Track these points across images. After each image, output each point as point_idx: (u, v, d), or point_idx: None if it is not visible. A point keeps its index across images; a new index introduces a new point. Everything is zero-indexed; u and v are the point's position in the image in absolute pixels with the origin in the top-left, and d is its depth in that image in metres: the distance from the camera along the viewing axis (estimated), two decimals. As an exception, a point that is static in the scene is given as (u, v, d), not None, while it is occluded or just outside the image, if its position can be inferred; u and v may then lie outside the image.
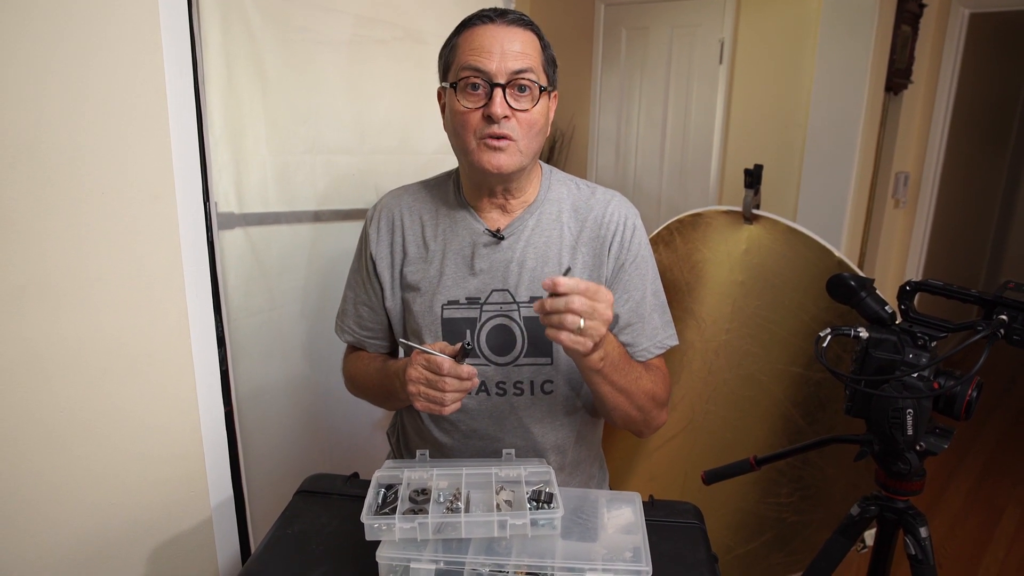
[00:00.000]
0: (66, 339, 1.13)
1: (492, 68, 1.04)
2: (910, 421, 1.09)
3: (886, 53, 2.93)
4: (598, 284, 0.93)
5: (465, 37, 1.07)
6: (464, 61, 1.06)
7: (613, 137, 3.80)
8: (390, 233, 1.22)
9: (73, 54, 1.07)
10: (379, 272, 1.22)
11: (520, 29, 1.07)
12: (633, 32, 3.60)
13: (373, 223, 1.23)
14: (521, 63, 1.05)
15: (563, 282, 0.90)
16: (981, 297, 1.12)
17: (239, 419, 1.46)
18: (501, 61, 1.04)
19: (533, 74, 1.06)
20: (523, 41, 1.06)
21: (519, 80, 1.05)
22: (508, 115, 1.05)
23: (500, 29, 1.06)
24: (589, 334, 0.92)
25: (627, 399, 1.12)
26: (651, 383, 1.15)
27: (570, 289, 0.90)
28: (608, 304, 0.93)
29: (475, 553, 0.88)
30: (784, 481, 1.69)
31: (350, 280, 1.30)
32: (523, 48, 1.06)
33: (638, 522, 0.95)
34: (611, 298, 0.94)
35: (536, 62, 1.07)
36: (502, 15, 1.07)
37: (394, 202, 1.24)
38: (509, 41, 1.05)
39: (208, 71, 1.32)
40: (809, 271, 1.63)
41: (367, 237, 1.23)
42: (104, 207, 1.14)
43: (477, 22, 1.07)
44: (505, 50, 1.04)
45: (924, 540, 1.18)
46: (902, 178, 3.43)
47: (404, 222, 1.21)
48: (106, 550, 1.23)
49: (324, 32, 1.54)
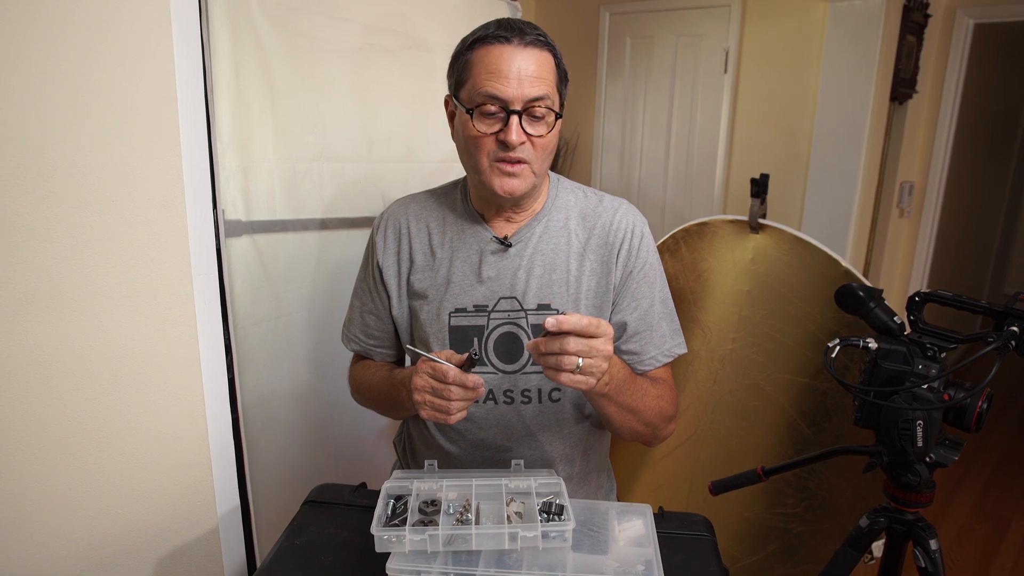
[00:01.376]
0: (74, 347, 1.13)
1: (509, 95, 1.02)
2: (920, 433, 1.09)
3: (891, 63, 2.94)
4: (599, 318, 0.91)
5: (480, 55, 1.04)
6: (480, 86, 1.03)
7: (617, 146, 3.80)
8: (396, 241, 1.21)
9: (82, 62, 1.08)
10: (386, 281, 1.22)
11: (537, 51, 1.04)
12: (638, 41, 3.61)
13: (380, 232, 1.23)
14: (538, 90, 1.03)
15: (566, 320, 0.87)
16: (992, 308, 1.11)
17: (245, 427, 1.46)
18: (518, 87, 1.02)
19: (549, 100, 1.05)
20: (540, 63, 1.04)
21: (535, 108, 1.04)
22: (524, 141, 1.04)
23: (517, 51, 1.03)
24: (589, 372, 0.91)
25: (634, 417, 1.12)
26: (657, 399, 1.15)
27: (571, 327, 0.88)
28: (608, 338, 0.91)
29: (486, 565, 0.87)
30: (790, 491, 1.69)
31: (356, 289, 1.29)
32: (539, 72, 1.04)
33: (649, 535, 0.95)
34: (611, 332, 0.92)
35: (551, 85, 1.06)
36: (520, 35, 1.03)
37: (401, 211, 1.23)
38: (526, 63, 1.03)
39: (216, 79, 1.32)
40: (815, 281, 1.63)
41: (374, 246, 1.23)
42: (113, 215, 1.14)
43: (494, 41, 1.03)
44: (522, 75, 1.02)
45: (934, 552, 1.17)
46: (907, 188, 3.43)
47: (411, 230, 1.21)
48: (112, 559, 1.23)
49: (332, 41, 1.55)
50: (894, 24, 2.88)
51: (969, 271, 4.69)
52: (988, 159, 4.40)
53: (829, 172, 3.01)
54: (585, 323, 0.88)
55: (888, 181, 3.33)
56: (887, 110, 3.06)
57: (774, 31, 3.18)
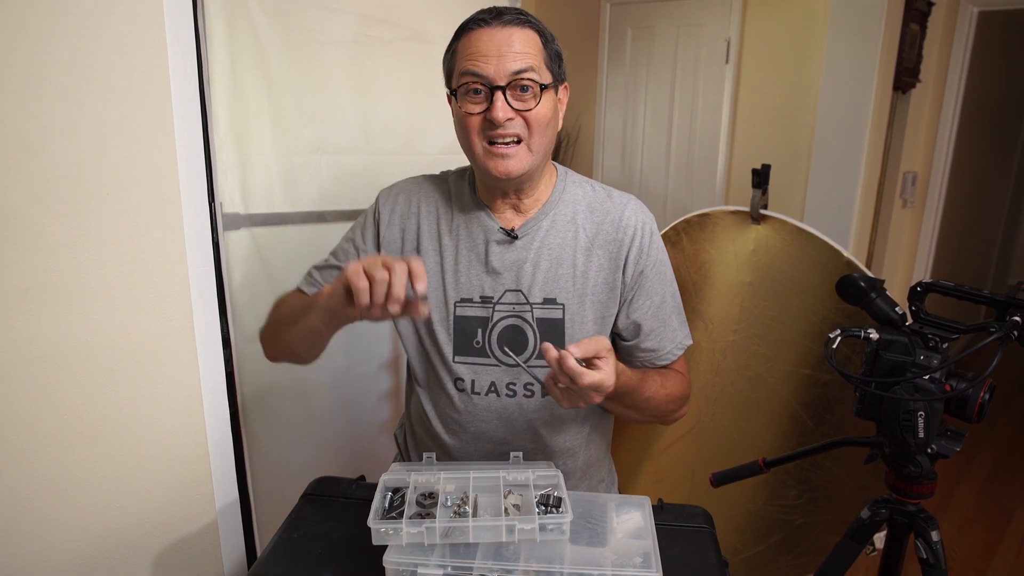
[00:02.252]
0: (70, 341, 1.13)
1: (490, 72, 1.03)
2: (921, 424, 1.08)
3: (894, 52, 2.91)
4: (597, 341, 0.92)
5: (463, 42, 1.06)
6: (463, 67, 1.05)
7: (619, 137, 3.79)
8: (403, 219, 1.19)
9: (76, 55, 1.07)
10: (383, 249, 1.19)
11: (517, 28, 1.05)
12: (639, 32, 3.59)
13: (387, 203, 1.20)
14: (520, 63, 1.03)
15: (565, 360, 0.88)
16: (994, 298, 1.10)
17: (245, 421, 1.46)
18: (499, 64, 1.02)
19: (534, 72, 1.05)
20: (522, 40, 1.05)
21: (520, 80, 1.04)
22: (512, 116, 1.04)
23: (496, 31, 1.04)
24: (588, 400, 0.94)
25: (638, 413, 1.16)
26: (665, 392, 1.16)
27: (568, 369, 0.88)
28: (608, 360, 0.92)
29: (483, 558, 0.87)
30: (792, 483, 1.68)
31: (340, 246, 1.23)
32: (522, 47, 1.04)
33: (648, 527, 0.94)
34: (611, 359, 0.93)
35: (537, 59, 1.06)
36: (498, 16, 1.05)
37: (414, 188, 1.22)
38: (507, 42, 1.03)
39: (213, 72, 1.32)
40: (817, 272, 1.62)
41: (378, 215, 1.20)
42: (108, 208, 1.14)
43: (473, 26, 1.06)
44: (503, 52, 1.03)
45: (936, 544, 1.17)
46: (910, 178, 3.40)
47: (421, 210, 1.19)
48: (111, 553, 1.23)
49: (329, 33, 1.54)
50: (897, 12, 2.85)
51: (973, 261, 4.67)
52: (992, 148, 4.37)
53: (831, 162, 2.99)
54: (585, 382, 0.89)
55: (891, 171, 3.31)
56: (890, 99, 3.04)
57: (776, 20, 3.16)
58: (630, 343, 1.20)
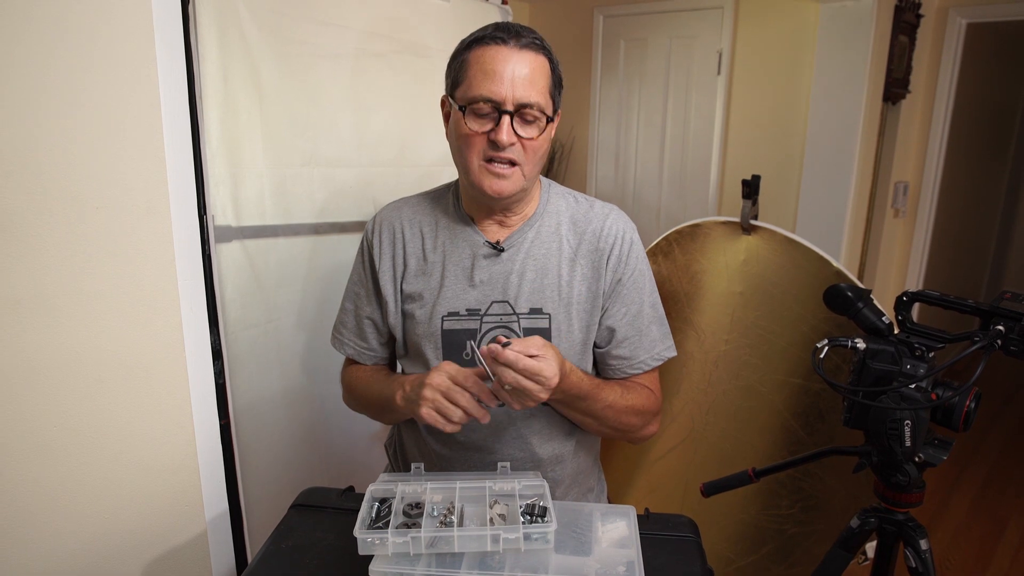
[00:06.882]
0: (61, 351, 1.13)
1: (502, 95, 1.03)
2: (908, 432, 1.09)
3: (883, 63, 2.94)
4: (531, 340, 0.99)
5: (476, 55, 1.06)
6: (475, 85, 1.04)
7: (612, 148, 3.81)
8: (391, 246, 1.21)
9: (68, 67, 1.08)
10: (382, 286, 1.21)
11: (532, 54, 1.06)
12: (632, 43, 3.62)
13: (375, 235, 1.23)
14: (532, 96, 1.04)
15: (500, 353, 0.94)
16: (978, 307, 1.11)
17: (236, 432, 1.45)
18: (511, 88, 1.03)
19: (540, 108, 1.06)
20: (534, 67, 1.05)
21: (526, 113, 1.05)
22: (514, 141, 1.05)
23: (513, 53, 1.04)
24: (535, 397, 0.98)
25: (599, 423, 1.17)
26: (625, 404, 1.17)
27: (505, 360, 0.94)
28: (547, 354, 0.97)
29: (468, 567, 0.87)
30: (784, 492, 1.68)
31: (349, 292, 1.29)
32: (532, 75, 1.05)
33: (632, 536, 0.95)
34: (552, 354, 0.98)
35: (544, 91, 1.07)
36: (516, 37, 1.05)
37: (394, 214, 1.23)
38: (521, 66, 1.04)
39: (205, 85, 1.32)
40: (808, 282, 1.63)
41: (370, 250, 1.23)
42: (99, 220, 1.14)
43: (490, 42, 1.05)
44: (516, 76, 1.03)
45: (924, 552, 1.17)
46: (901, 187, 3.43)
47: (405, 234, 1.21)
48: (100, 562, 1.23)
49: (321, 45, 1.55)
50: (886, 24, 2.88)
51: (966, 271, 4.69)
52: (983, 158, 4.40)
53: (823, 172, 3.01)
54: (522, 366, 0.94)
55: (882, 181, 3.33)
56: (880, 110, 3.07)
57: (767, 32, 3.19)
58: (603, 349, 1.20)
